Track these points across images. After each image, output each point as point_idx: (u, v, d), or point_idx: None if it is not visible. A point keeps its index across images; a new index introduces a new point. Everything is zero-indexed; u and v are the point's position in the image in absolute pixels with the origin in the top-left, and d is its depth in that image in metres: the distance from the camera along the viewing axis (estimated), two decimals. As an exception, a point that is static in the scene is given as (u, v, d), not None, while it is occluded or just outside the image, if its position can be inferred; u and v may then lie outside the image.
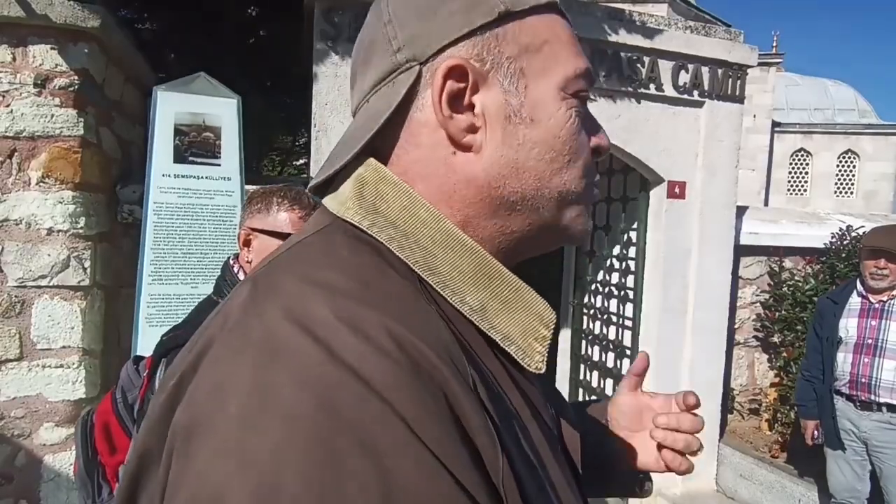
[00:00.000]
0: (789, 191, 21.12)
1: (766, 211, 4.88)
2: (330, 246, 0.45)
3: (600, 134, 0.54)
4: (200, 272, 2.69)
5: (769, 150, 20.19)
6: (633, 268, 3.91)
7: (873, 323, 2.73)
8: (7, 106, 2.43)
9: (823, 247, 4.12)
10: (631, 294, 3.92)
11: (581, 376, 4.52)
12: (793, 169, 21.18)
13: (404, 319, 0.39)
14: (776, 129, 20.43)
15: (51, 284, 2.50)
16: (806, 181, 21.18)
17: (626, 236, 4.02)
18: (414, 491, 0.32)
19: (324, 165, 0.52)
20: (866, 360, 2.70)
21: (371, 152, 0.50)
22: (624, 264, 4.03)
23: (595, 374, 4.33)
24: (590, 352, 4.45)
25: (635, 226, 3.89)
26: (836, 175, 20.97)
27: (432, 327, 0.41)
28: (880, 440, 2.67)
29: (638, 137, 3.57)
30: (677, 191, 3.70)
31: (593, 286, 4.41)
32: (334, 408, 0.33)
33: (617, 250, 4.13)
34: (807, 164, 21.14)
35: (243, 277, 1.05)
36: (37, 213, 2.48)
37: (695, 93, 3.64)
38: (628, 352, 3.85)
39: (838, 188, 20.97)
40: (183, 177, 2.71)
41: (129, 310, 2.68)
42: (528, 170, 0.48)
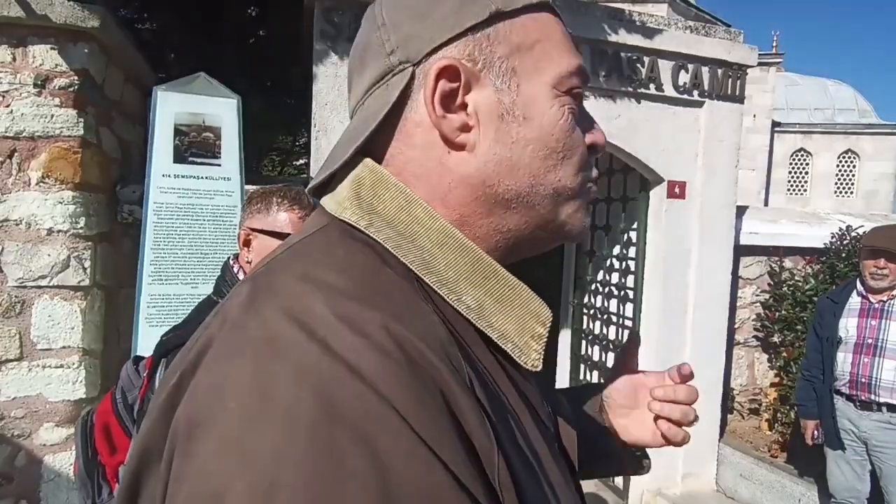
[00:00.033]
0: (789, 191, 21.13)
1: (766, 211, 4.88)
2: (328, 246, 0.45)
3: (596, 131, 0.54)
4: (200, 272, 2.69)
5: (769, 150, 20.20)
6: (633, 268, 3.91)
7: (873, 323, 2.73)
8: (7, 106, 2.43)
9: (823, 247, 4.12)
10: (631, 294, 3.92)
11: (581, 376, 4.52)
12: (793, 169, 21.19)
13: (402, 318, 0.39)
14: (776, 129, 20.44)
15: (51, 284, 2.50)
16: (806, 181, 21.19)
17: (626, 236, 4.02)
18: (411, 486, 0.33)
19: (322, 167, 0.53)
20: (866, 360, 2.70)
21: (367, 153, 0.50)
22: (624, 264, 4.03)
23: (595, 374, 4.33)
24: (590, 352, 4.45)
25: (635, 226, 3.89)
26: (836, 175, 20.98)
27: (429, 326, 0.41)
28: (880, 440, 2.67)
29: (638, 137, 3.57)
30: (677, 191, 3.70)
31: (593, 286, 4.41)
32: (333, 404, 0.33)
33: (617, 250, 4.13)
34: (807, 164, 21.15)
35: (243, 277, 1.05)
36: (37, 214, 2.48)
37: (695, 93, 3.64)
38: (628, 352, 3.83)
39: (838, 188, 20.97)
40: (183, 177, 2.71)
41: (129, 310, 2.68)
42: (523, 167, 0.49)
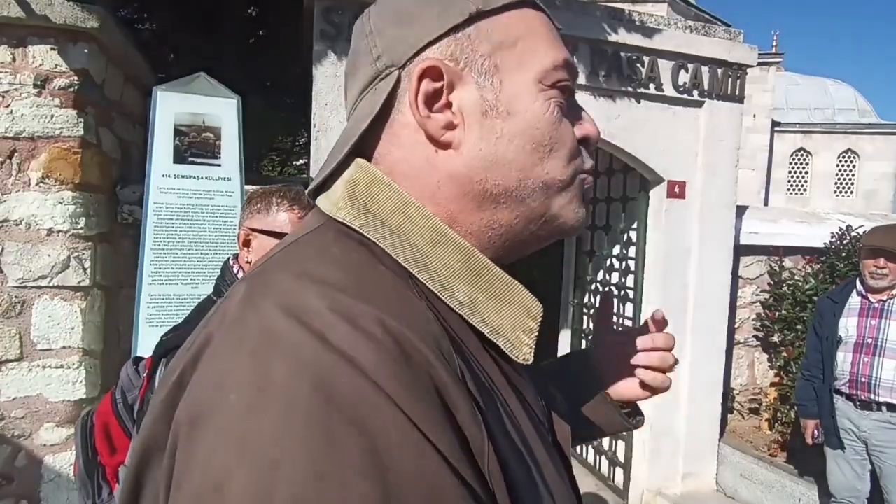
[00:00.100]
0: (789, 190, 21.13)
1: (765, 210, 4.88)
2: (323, 244, 0.46)
3: (586, 123, 0.55)
4: (200, 272, 2.69)
5: (769, 149, 20.19)
6: (633, 268, 3.91)
7: (873, 322, 2.73)
8: (7, 106, 2.43)
9: (823, 246, 4.12)
10: (631, 294, 3.92)
11: (581, 376, 4.52)
12: (793, 168, 21.19)
13: (395, 312, 0.40)
14: (776, 129, 20.44)
15: (51, 285, 2.51)
16: (806, 181, 21.19)
17: (625, 236, 4.02)
18: (405, 468, 0.34)
19: (320, 169, 0.54)
20: (866, 360, 2.70)
21: (360, 155, 0.52)
22: (624, 264, 4.03)
23: (595, 373, 4.33)
24: (590, 351, 4.45)
25: (635, 226, 3.89)
26: (836, 175, 20.97)
27: (422, 320, 0.42)
28: (880, 439, 2.67)
29: (638, 137, 3.57)
30: (677, 190, 3.70)
31: (593, 286, 4.41)
32: (330, 393, 0.34)
33: (617, 250, 4.13)
34: (807, 164, 21.15)
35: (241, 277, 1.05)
36: (37, 214, 2.48)
37: (694, 92, 3.64)
38: (628, 351, 3.84)
39: (838, 188, 20.97)
40: (183, 177, 2.71)
41: (129, 310, 2.68)
42: (509, 162, 0.49)
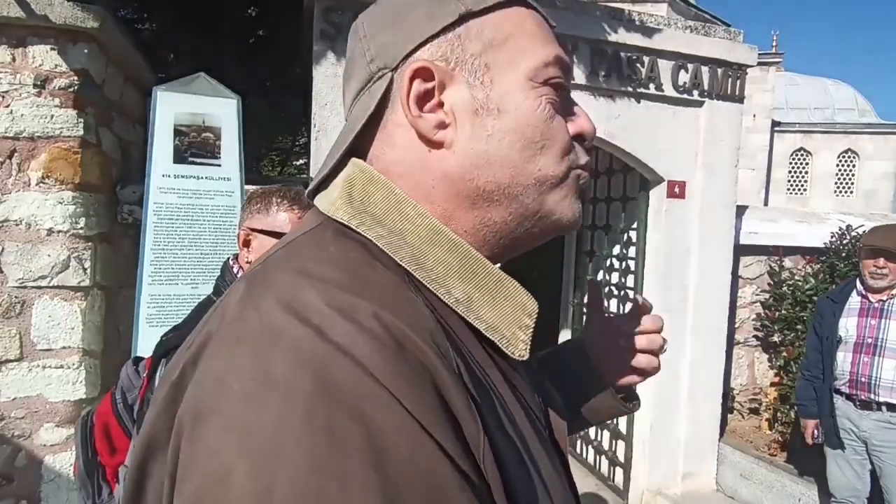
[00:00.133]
0: (789, 190, 21.13)
1: (765, 210, 4.88)
2: (321, 244, 0.47)
3: (581, 119, 0.55)
4: (200, 272, 2.69)
5: (769, 149, 20.20)
6: (633, 268, 3.91)
7: (873, 322, 2.73)
8: (7, 106, 2.43)
9: (823, 246, 4.12)
10: (631, 294, 3.92)
11: (581, 376, 4.52)
12: (792, 168, 21.19)
13: (391, 307, 0.40)
14: (776, 129, 20.44)
15: (51, 285, 2.51)
16: (806, 180, 21.19)
17: (625, 236, 4.02)
18: (402, 456, 0.35)
19: (319, 170, 0.55)
20: (866, 360, 2.70)
21: (357, 156, 0.53)
22: (624, 264, 4.03)
23: (595, 373, 4.33)
24: (590, 351, 4.45)
25: (635, 225, 3.89)
26: (836, 174, 20.98)
27: (418, 316, 0.42)
28: (880, 439, 2.67)
29: (638, 137, 3.57)
30: (677, 190, 3.70)
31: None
32: (329, 383, 0.35)
33: (617, 250, 4.13)
34: (806, 164, 21.15)
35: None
36: (37, 214, 2.48)
37: (694, 92, 3.64)
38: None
39: (838, 187, 20.97)
40: (183, 177, 2.72)
41: (129, 310, 2.68)
42: (500, 159, 0.50)
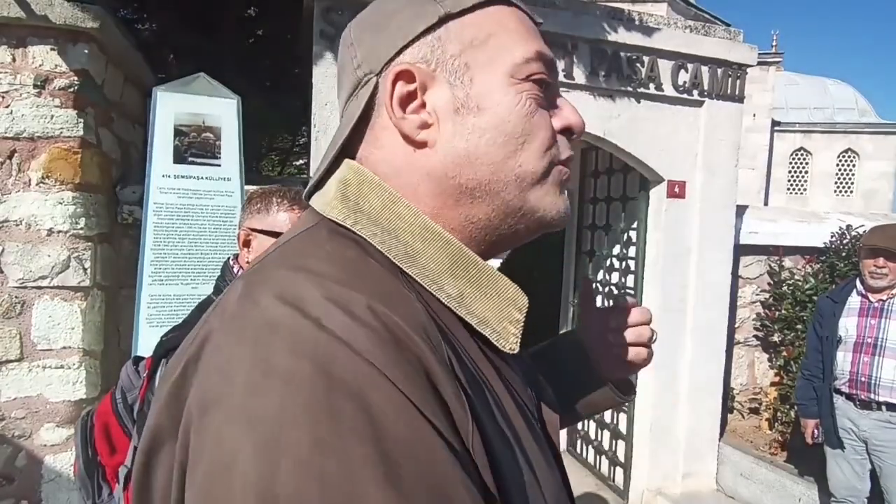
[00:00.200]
0: (789, 190, 21.13)
1: (765, 210, 4.88)
2: (317, 242, 0.48)
3: (566, 113, 0.56)
4: (200, 273, 2.69)
5: (769, 149, 20.20)
6: (633, 267, 3.91)
7: (873, 322, 2.73)
8: (7, 107, 2.44)
9: (823, 246, 4.12)
10: (631, 294, 3.92)
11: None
12: (792, 168, 21.19)
13: (385, 301, 0.42)
14: (776, 129, 20.44)
15: (51, 285, 2.51)
16: (805, 180, 21.19)
17: (625, 236, 4.02)
18: (401, 437, 0.36)
19: (314, 173, 0.57)
20: (866, 359, 2.70)
21: (349, 157, 0.55)
22: (624, 264, 4.03)
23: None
24: (590, 351, 4.45)
25: (635, 225, 3.89)
26: (836, 174, 20.98)
27: (411, 310, 0.44)
28: (880, 439, 2.67)
29: (638, 137, 3.57)
30: (677, 190, 3.70)
31: (592, 281, 4.41)
32: (329, 370, 0.36)
33: (617, 250, 4.13)
34: (806, 164, 21.15)
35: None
36: (37, 214, 2.48)
37: (694, 92, 3.63)
38: (628, 351, 3.84)
39: (838, 187, 20.97)
40: (183, 177, 2.72)
41: (129, 310, 2.68)
42: (481, 156, 0.51)
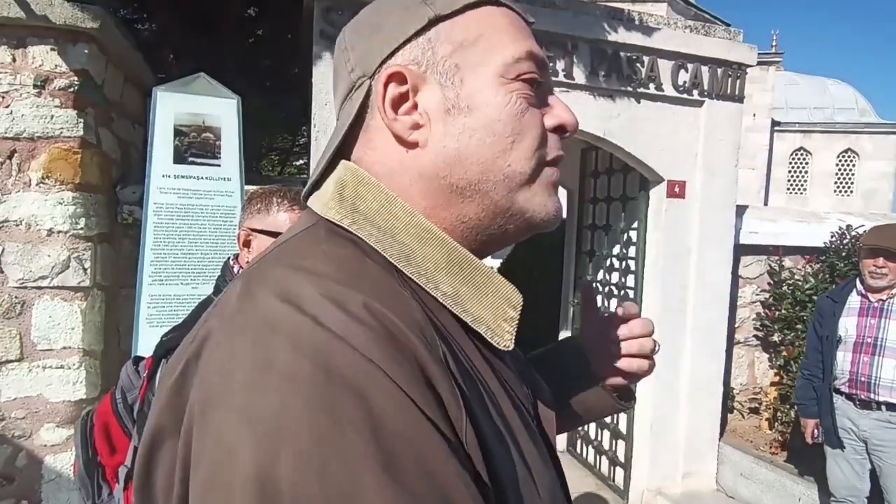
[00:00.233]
0: (789, 190, 21.14)
1: (765, 210, 4.88)
2: (315, 242, 0.49)
3: (559, 111, 0.56)
4: (200, 273, 2.69)
5: (769, 149, 20.21)
6: (633, 267, 3.91)
7: (872, 322, 2.73)
8: (7, 107, 2.44)
9: (823, 246, 4.12)
10: (631, 294, 3.92)
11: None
12: (792, 168, 21.19)
13: (381, 298, 0.43)
14: (776, 129, 20.45)
15: (51, 285, 2.51)
16: (805, 180, 21.19)
17: (625, 236, 4.02)
18: (399, 429, 0.37)
19: (311, 174, 0.58)
20: (866, 359, 2.70)
21: (346, 158, 0.56)
22: (624, 264, 4.03)
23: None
24: (590, 351, 4.45)
25: (635, 225, 3.89)
26: (836, 174, 20.98)
27: (406, 307, 0.44)
28: (880, 439, 2.67)
29: (637, 137, 3.57)
30: (677, 190, 3.70)
31: (593, 286, 4.40)
32: (328, 365, 0.37)
33: (617, 250, 4.13)
34: (806, 163, 21.15)
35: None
36: (37, 214, 2.48)
37: (694, 92, 3.63)
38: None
39: (838, 187, 20.98)
40: (183, 177, 2.72)
41: (129, 310, 2.68)
42: (471, 155, 0.51)
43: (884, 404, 2.65)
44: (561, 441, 4.60)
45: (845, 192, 20.87)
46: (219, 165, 2.78)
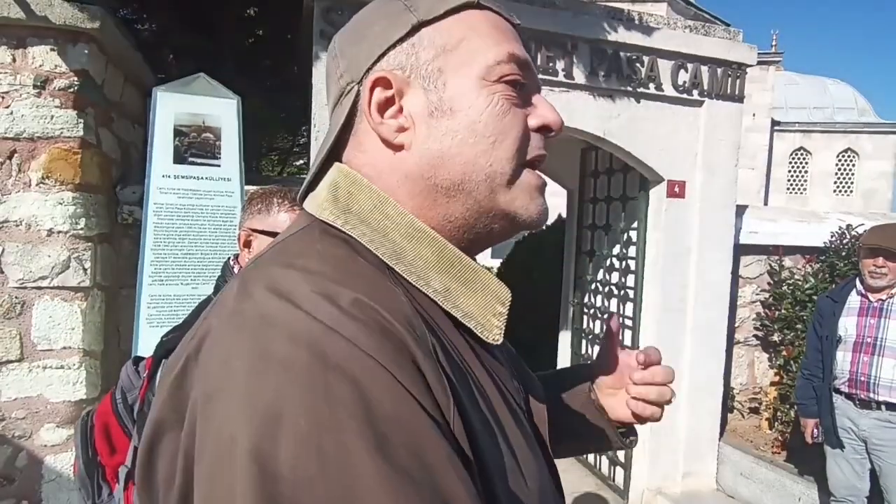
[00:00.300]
0: (789, 189, 21.13)
1: (765, 210, 4.88)
2: (308, 242, 0.51)
3: (542, 111, 0.57)
4: (200, 273, 2.69)
5: (769, 148, 20.20)
6: (633, 267, 3.91)
7: (872, 321, 2.73)
8: (7, 107, 2.44)
9: (823, 245, 4.12)
10: (631, 293, 3.92)
11: (581, 375, 4.51)
12: (792, 168, 21.19)
13: (371, 294, 0.45)
14: (775, 128, 20.44)
15: (51, 285, 2.51)
16: (805, 180, 21.19)
17: (625, 236, 4.02)
18: (390, 412, 0.39)
19: (307, 177, 0.60)
20: (865, 359, 2.70)
21: (338, 161, 0.58)
22: (624, 264, 4.03)
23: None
24: (590, 351, 4.46)
25: (635, 225, 3.89)
26: (836, 174, 20.97)
27: (396, 303, 0.46)
28: (880, 438, 2.67)
29: (637, 137, 3.57)
30: (677, 190, 3.70)
31: (593, 286, 4.41)
32: (323, 354, 0.39)
33: (617, 250, 4.13)
34: (806, 163, 21.15)
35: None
36: (37, 214, 2.48)
37: (694, 92, 3.64)
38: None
39: (837, 187, 20.97)
40: (183, 177, 2.72)
41: (129, 310, 2.68)
42: (454, 156, 0.53)
43: (883, 404, 2.65)
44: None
45: (845, 191, 20.87)
46: (219, 165, 2.78)
